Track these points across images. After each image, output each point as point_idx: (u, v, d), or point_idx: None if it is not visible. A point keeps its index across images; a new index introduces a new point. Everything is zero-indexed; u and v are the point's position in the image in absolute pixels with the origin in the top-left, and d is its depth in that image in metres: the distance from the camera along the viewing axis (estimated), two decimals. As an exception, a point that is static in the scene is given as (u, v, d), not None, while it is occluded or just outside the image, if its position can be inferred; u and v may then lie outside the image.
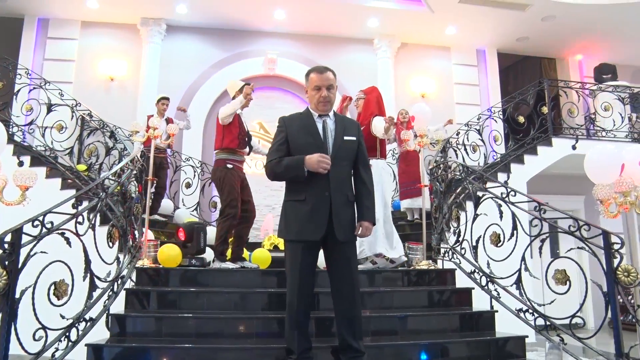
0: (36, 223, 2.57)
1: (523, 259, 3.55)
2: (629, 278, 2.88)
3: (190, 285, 4.09)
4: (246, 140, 4.85)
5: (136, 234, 4.09)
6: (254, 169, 8.46)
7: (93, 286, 3.02)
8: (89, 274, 2.97)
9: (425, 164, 7.36)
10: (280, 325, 3.47)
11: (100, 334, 3.22)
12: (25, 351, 2.45)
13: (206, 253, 5.05)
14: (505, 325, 3.90)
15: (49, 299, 2.63)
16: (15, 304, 2.42)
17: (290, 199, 2.84)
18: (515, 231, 3.65)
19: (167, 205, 7.32)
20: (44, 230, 2.61)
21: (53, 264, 2.65)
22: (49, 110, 6.33)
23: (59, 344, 2.70)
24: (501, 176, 6.66)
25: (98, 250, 3.11)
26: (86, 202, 3.27)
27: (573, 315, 3.21)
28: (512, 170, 6.83)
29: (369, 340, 3.39)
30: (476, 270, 4.04)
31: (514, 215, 3.66)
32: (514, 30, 8.91)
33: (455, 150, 7.03)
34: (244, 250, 4.84)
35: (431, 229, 5.16)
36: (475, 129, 7.24)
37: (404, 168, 6.93)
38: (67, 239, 2.76)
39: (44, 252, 2.56)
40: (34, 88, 6.63)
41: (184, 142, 8.07)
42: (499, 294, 3.81)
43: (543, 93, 7.83)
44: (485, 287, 3.91)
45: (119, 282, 3.44)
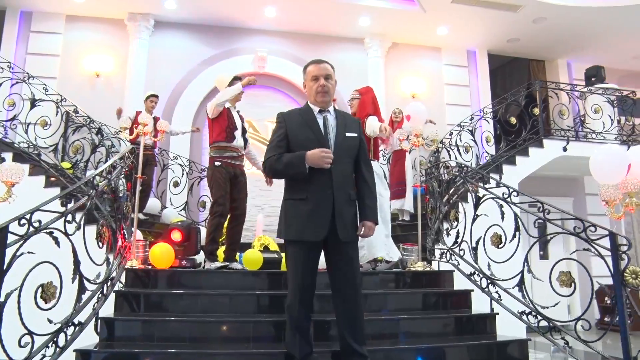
0: (23, 221, 2.41)
1: (526, 260, 3.48)
2: (637, 280, 2.82)
3: (182, 287, 3.93)
4: (235, 134, 4.68)
5: (125, 233, 3.93)
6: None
7: (82, 288, 2.87)
8: (78, 276, 2.82)
9: (416, 164, 7.33)
10: (276, 329, 3.36)
11: (89, 338, 3.07)
12: (10, 358, 2.29)
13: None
14: (503, 328, 3.83)
15: (36, 303, 2.47)
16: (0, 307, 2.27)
17: (291, 198, 2.71)
18: (517, 232, 3.58)
19: (154, 204, 7.13)
20: (32, 229, 2.45)
21: (39, 265, 2.49)
22: (33, 106, 6.10)
23: (46, 350, 2.54)
24: (493, 177, 6.61)
25: (88, 251, 2.95)
26: (74, 200, 3.12)
27: (579, 318, 3.15)
28: (504, 171, 6.81)
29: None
30: (476, 272, 3.96)
31: (516, 216, 3.59)
32: (505, 31, 8.90)
33: (448, 151, 6.97)
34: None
35: (426, 229, 5.09)
36: (468, 129, 7.20)
37: (391, 169, 6.86)
38: (56, 239, 2.61)
39: (31, 253, 2.41)
40: (17, 82, 6.41)
41: (171, 140, 7.86)
42: (500, 296, 3.74)
43: (533, 94, 7.85)
44: (486, 289, 3.83)
45: (109, 284, 3.29)
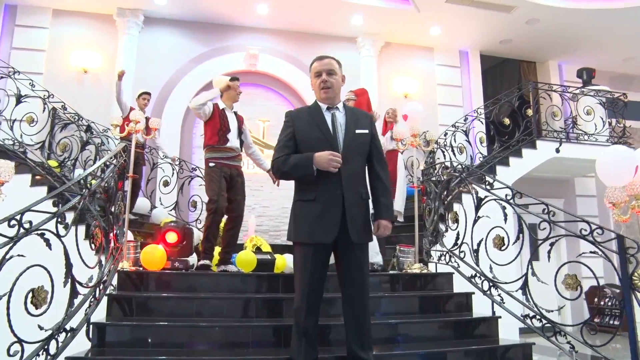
0: (13, 222, 2.27)
1: (530, 262, 3.42)
2: (647, 283, 2.77)
3: (176, 290, 3.79)
4: (228, 136, 4.59)
5: (118, 234, 3.79)
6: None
7: (74, 293, 2.73)
8: (70, 279, 2.69)
9: (407, 165, 7.27)
10: (276, 334, 3.25)
11: (80, 345, 2.93)
12: (-1, 368, 2.16)
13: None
14: (503, 332, 3.77)
15: (26, 308, 2.33)
16: (-13, 314, 2.13)
17: (300, 199, 2.62)
18: (521, 234, 3.52)
19: (143, 204, 6.98)
20: (22, 230, 2.31)
21: (28, 269, 2.35)
22: (18, 102, 5.91)
23: (36, 359, 2.40)
24: (497, 180, 6.59)
25: (80, 253, 2.81)
26: (64, 201, 2.98)
27: (585, 322, 3.10)
28: (498, 172, 6.79)
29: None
30: (477, 275, 3.90)
31: (519, 218, 3.53)
32: (498, 32, 8.88)
33: (443, 151, 6.93)
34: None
35: (422, 230, 5.02)
36: (462, 130, 7.17)
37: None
38: (47, 240, 2.47)
39: (22, 256, 2.27)
40: (2, 77, 6.20)
41: (161, 138, 7.66)
42: (502, 299, 3.68)
43: (524, 96, 7.85)
44: (488, 292, 3.77)
45: (101, 288, 3.15)
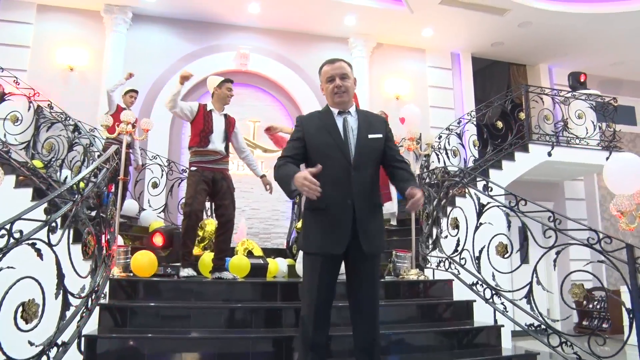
0: (2, 232, 2.13)
1: (535, 271, 3.36)
2: (657, 294, 2.72)
3: (169, 299, 3.65)
4: (210, 138, 4.35)
5: (110, 241, 3.64)
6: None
7: (66, 304, 2.58)
8: (62, 290, 2.54)
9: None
10: (276, 346, 3.14)
11: (71, 357, 2.78)
12: (-13, 388, 2.02)
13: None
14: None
15: (16, 323, 2.19)
16: (-25, 331, 1.99)
17: (309, 207, 2.50)
18: (525, 242, 3.46)
19: (131, 206, 6.78)
20: (12, 240, 2.17)
21: (18, 281, 2.20)
22: (2, 99, 5.71)
23: (26, 376, 2.26)
24: (499, 185, 6.56)
25: (72, 262, 2.67)
26: (53, 207, 2.83)
27: (592, 332, 3.04)
28: (491, 176, 6.74)
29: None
30: (479, 282, 3.83)
31: (524, 226, 3.47)
32: (490, 34, 8.87)
33: (437, 155, 6.87)
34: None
35: (419, 235, 4.95)
36: (456, 133, 7.13)
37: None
38: (39, 250, 2.32)
39: (11, 267, 2.13)
40: (-16, 74, 5.99)
41: (150, 139, 7.46)
42: (505, 308, 3.61)
43: (516, 98, 7.84)
44: (490, 300, 3.70)
45: (93, 297, 3.00)
